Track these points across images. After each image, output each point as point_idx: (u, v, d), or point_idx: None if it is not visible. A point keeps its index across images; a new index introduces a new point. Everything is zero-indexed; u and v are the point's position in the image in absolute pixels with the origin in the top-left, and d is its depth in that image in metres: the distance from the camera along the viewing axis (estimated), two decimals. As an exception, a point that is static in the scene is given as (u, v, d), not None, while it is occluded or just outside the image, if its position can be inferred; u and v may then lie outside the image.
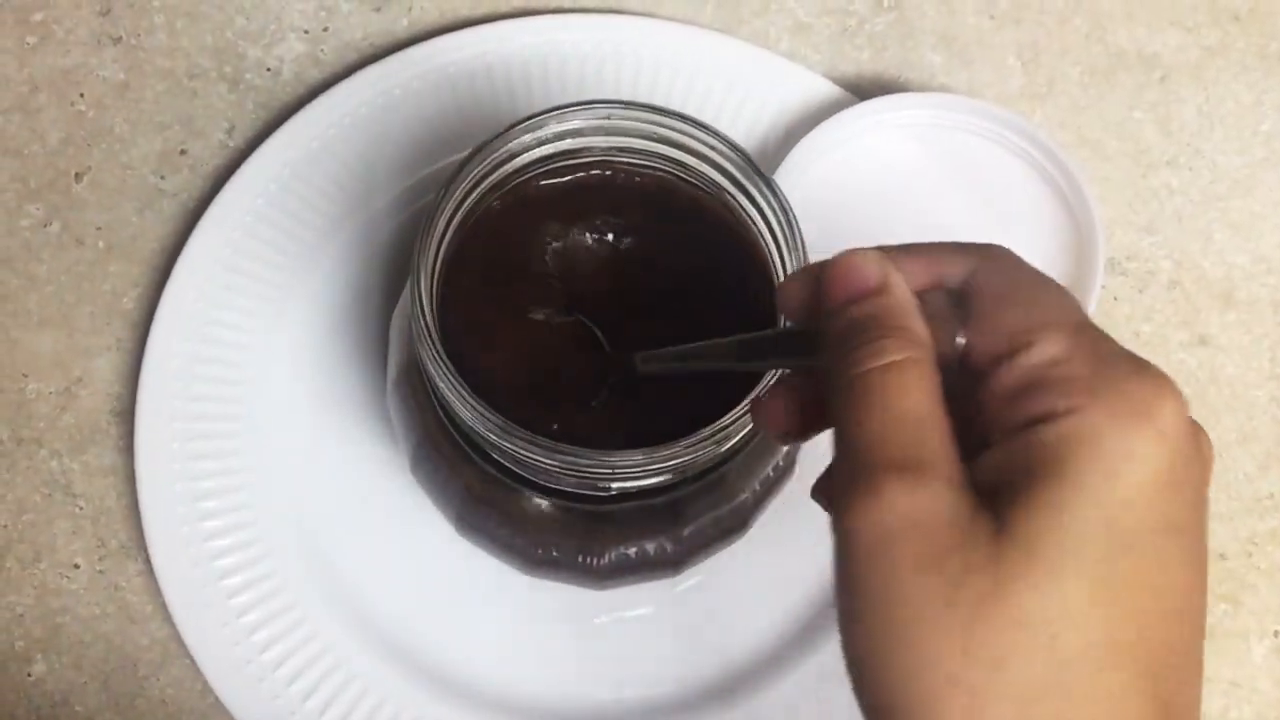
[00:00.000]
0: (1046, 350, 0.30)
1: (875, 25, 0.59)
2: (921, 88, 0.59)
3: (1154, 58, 0.60)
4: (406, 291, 0.43)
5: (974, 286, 0.32)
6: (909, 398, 0.30)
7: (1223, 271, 0.57)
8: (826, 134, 0.54)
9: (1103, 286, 0.55)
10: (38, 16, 0.57)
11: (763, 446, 0.43)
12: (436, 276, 0.41)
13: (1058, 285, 0.32)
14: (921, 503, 0.29)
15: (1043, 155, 0.55)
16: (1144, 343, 0.56)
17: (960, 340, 0.32)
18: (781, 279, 0.41)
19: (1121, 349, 0.30)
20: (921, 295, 0.32)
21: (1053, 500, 0.28)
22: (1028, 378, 0.30)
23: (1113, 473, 0.28)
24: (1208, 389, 0.56)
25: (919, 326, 0.31)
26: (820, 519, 0.53)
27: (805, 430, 0.35)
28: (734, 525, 0.46)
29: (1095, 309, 0.54)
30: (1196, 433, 0.30)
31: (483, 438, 0.39)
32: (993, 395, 0.31)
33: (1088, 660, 0.27)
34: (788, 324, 0.36)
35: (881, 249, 0.33)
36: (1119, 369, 0.29)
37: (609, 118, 0.42)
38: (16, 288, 0.54)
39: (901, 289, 0.32)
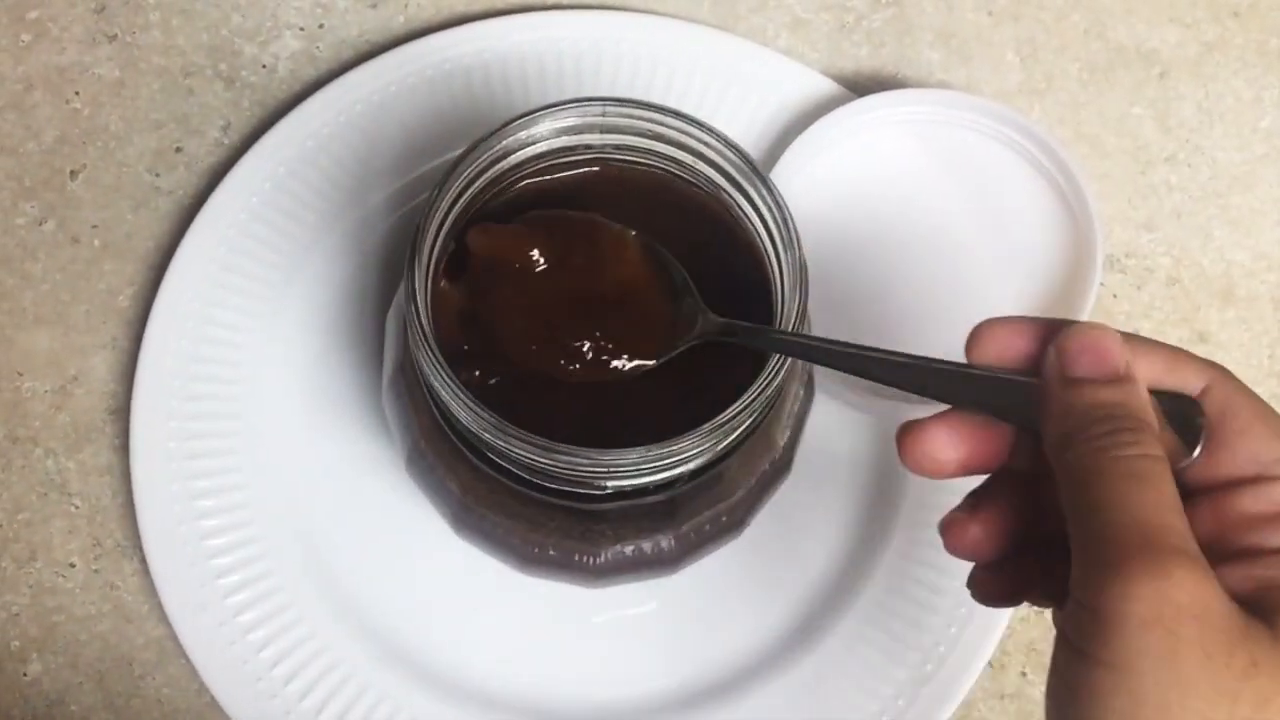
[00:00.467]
0: None
1: (873, 21, 0.59)
2: (919, 84, 0.58)
3: (1153, 54, 0.59)
4: (401, 289, 0.43)
5: (1213, 403, 0.33)
6: (1171, 489, 0.31)
7: (1222, 268, 0.57)
8: (824, 131, 0.54)
9: (1101, 284, 0.55)
10: (33, 14, 0.57)
11: (759, 444, 0.43)
12: (431, 275, 0.41)
13: None
14: (1209, 591, 0.29)
15: (1041, 152, 0.55)
16: (1143, 340, 0.56)
17: (1195, 455, 0.33)
18: (780, 278, 0.41)
19: None
20: (1152, 394, 0.33)
21: None
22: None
23: None
24: (1207, 386, 0.56)
25: (1153, 426, 0.32)
26: (819, 517, 0.53)
27: (1003, 566, 0.37)
28: (731, 523, 0.46)
29: (1094, 306, 0.53)
30: None
31: (478, 437, 0.39)
32: (1233, 515, 0.32)
33: None
34: (1006, 372, 0.35)
35: (1121, 334, 0.34)
36: None
37: (604, 115, 0.42)
38: (12, 286, 0.54)
39: (1142, 384, 0.33)
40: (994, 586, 0.37)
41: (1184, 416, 0.34)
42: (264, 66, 0.57)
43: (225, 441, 0.52)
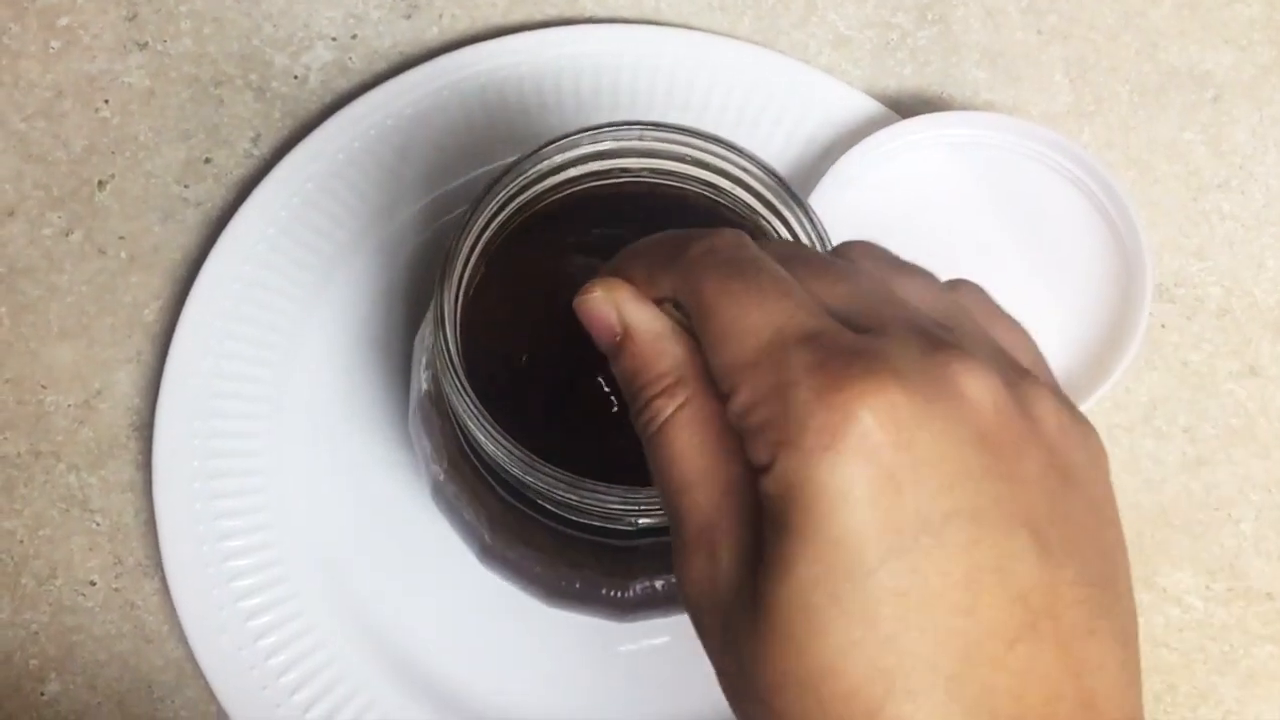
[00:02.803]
0: (741, 397, 0.29)
1: (918, 39, 0.58)
2: (964, 105, 0.57)
3: (1206, 76, 0.58)
4: (429, 314, 0.42)
5: (689, 309, 0.31)
6: (689, 459, 0.30)
7: (1275, 299, 0.55)
8: (866, 152, 0.53)
9: (1150, 314, 0.53)
10: (63, 20, 0.56)
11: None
12: (460, 302, 0.40)
13: (763, 290, 0.30)
14: (706, 573, 0.29)
15: (1089, 177, 0.53)
16: (1192, 372, 0.55)
17: None
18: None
19: (813, 359, 0.28)
20: (662, 306, 0.32)
21: (782, 559, 0.27)
22: (741, 426, 0.29)
23: (824, 515, 0.27)
24: (1258, 421, 0.54)
25: (673, 360, 0.31)
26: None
27: None
28: (763, 558, 0.45)
29: (1142, 337, 0.52)
30: (931, 403, 0.27)
31: (505, 469, 0.38)
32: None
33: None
34: None
35: (611, 271, 0.33)
36: (799, 398, 0.27)
37: (641, 139, 0.41)
38: (37, 298, 0.53)
39: (643, 327, 0.32)
40: None
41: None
42: (295, 77, 0.56)
43: (249, 461, 0.51)
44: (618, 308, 0.32)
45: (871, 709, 0.26)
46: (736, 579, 0.29)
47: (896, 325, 0.29)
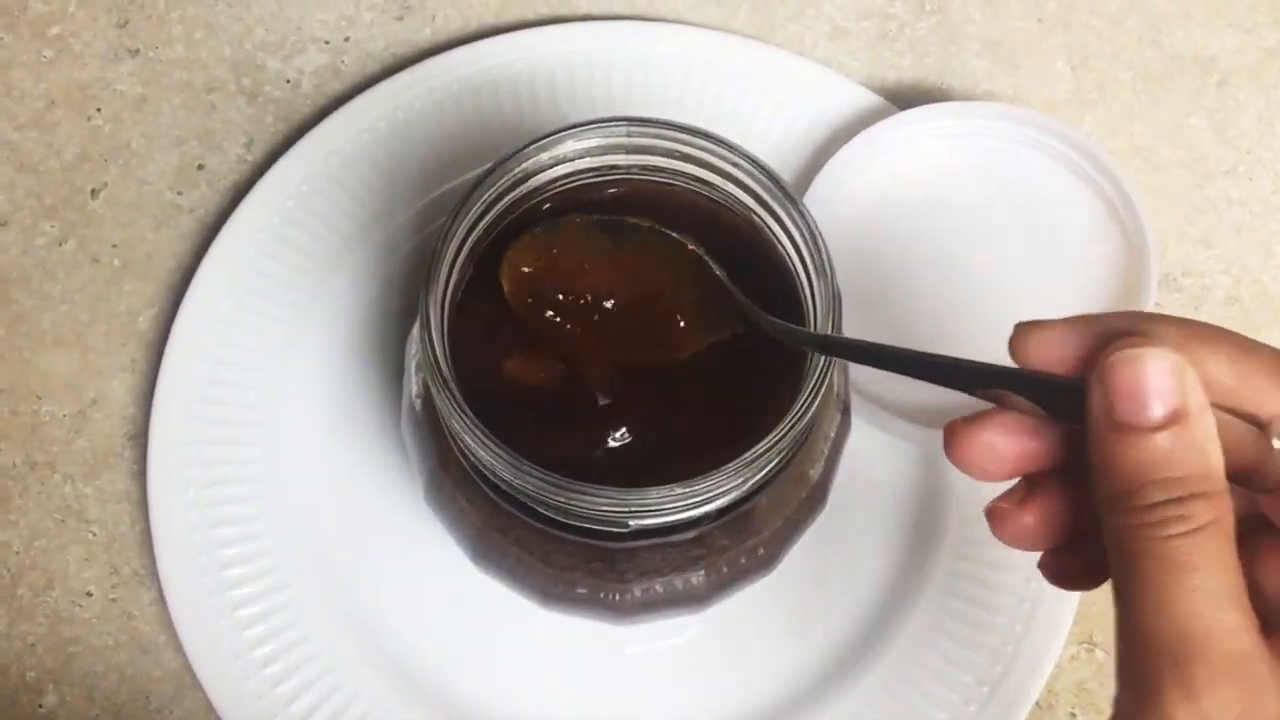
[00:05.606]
0: None
1: (917, 30, 0.57)
2: (965, 95, 0.56)
3: (1211, 61, 0.57)
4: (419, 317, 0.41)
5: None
6: (1223, 574, 0.27)
7: (1284, 287, 0.54)
8: (864, 145, 0.52)
9: (1156, 304, 0.52)
10: (55, 29, 0.56)
11: (790, 479, 0.41)
12: (448, 304, 0.39)
13: None
14: (1252, 703, 0.26)
15: (1092, 166, 0.52)
16: (1200, 362, 0.54)
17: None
18: (813, 305, 0.39)
19: None
20: (1218, 414, 0.29)
21: None
22: None
23: None
24: (1268, 411, 0.53)
25: (1219, 470, 0.28)
26: (858, 551, 0.51)
27: (1064, 557, 0.33)
28: (764, 559, 0.44)
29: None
30: None
31: (495, 473, 0.37)
32: None
33: None
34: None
35: (1175, 349, 0.29)
36: None
37: (629, 135, 0.40)
38: (31, 307, 0.53)
39: (1203, 417, 0.28)
40: (1067, 566, 0.34)
41: (1257, 447, 0.29)
42: (288, 81, 0.56)
43: (244, 469, 0.50)
44: (1186, 389, 0.29)
45: None
46: None
47: None
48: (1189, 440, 0.28)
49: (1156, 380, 0.29)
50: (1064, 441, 0.33)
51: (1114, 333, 0.31)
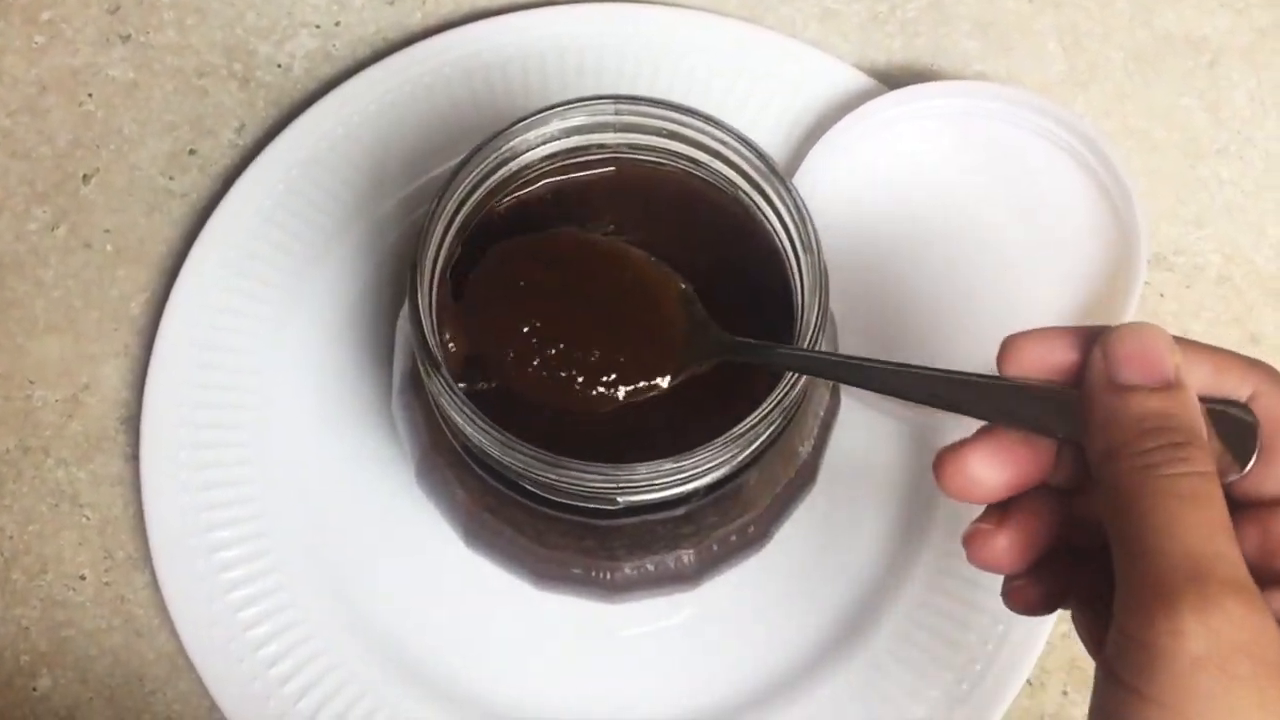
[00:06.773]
0: None
1: (907, 11, 0.57)
2: (956, 77, 0.56)
3: (1203, 41, 0.57)
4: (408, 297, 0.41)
5: (1264, 412, 0.31)
6: (1222, 512, 0.29)
7: (1276, 266, 0.54)
8: (853, 126, 0.52)
9: (1147, 283, 0.52)
10: (46, 15, 0.56)
11: (780, 456, 0.41)
12: (437, 284, 0.39)
13: None
14: (1263, 625, 0.28)
15: (1084, 146, 0.52)
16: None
17: (1247, 469, 0.31)
18: (801, 283, 0.39)
19: None
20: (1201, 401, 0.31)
21: None
22: None
23: None
24: (1260, 390, 0.53)
25: (1205, 440, 0.30)
26: (849, 529, 0.51)
27: (1038, 576, 0.35)
28: (755, 536, 0.44)
29: (1139, 306, 0.51)
30: None
31: (485, 451, 0.37)
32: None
33: None
34: (1044, 382, 0.33)
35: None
36: None
37: (616, 113, 0.40)
38: (23, 293, 0.53)
39: (1192, 391, 0.31)
40: (1029, 594, 0.35)
41: (1234, 425, 0.31)
42: (279, 66, 0.56)
43: (237, 451, 0.51)
44: (1176, 362, 0.31)
45: None
46: None
47: None
48: (1184, 400, 0.31)
49: (1158, 346, 0.31)
50: (1044, 460, 0.34)
51: (1097, 332, 0.33)
